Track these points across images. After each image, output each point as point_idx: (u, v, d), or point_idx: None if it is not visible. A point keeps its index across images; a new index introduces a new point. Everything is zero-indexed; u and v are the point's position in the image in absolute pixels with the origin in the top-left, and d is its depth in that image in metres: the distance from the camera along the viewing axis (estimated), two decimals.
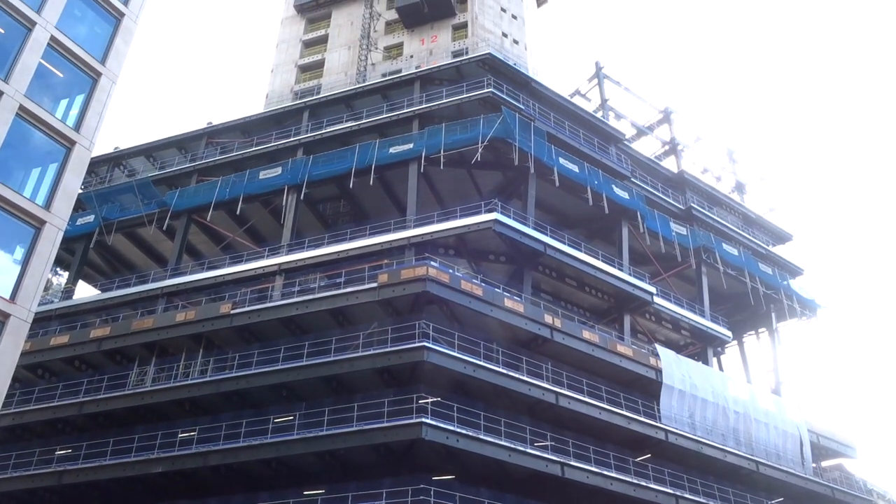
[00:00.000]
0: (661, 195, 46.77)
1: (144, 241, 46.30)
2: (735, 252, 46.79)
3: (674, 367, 37.63)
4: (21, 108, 23.40)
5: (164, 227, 42.31)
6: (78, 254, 43.37)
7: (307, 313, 33.34)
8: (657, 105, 54.74)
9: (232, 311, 34.16)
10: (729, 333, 44.75)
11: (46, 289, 41.28)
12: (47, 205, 23.59)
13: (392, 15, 57.89)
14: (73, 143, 24.84)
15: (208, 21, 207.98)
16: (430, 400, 28.61)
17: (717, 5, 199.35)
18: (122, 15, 28.17)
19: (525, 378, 31.80)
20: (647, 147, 53.99)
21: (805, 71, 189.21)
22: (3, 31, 23.95)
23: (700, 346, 44.31)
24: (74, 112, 25.74)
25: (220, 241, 44.16)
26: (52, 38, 25.08)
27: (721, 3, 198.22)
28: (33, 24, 24.54)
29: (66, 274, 46.31)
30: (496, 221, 34.99)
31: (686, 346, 44.88)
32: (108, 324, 37.33)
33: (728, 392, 39.60)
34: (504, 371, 31.32)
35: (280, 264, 37.15)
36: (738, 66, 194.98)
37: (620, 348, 36.46)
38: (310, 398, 31.70)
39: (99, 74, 26.49)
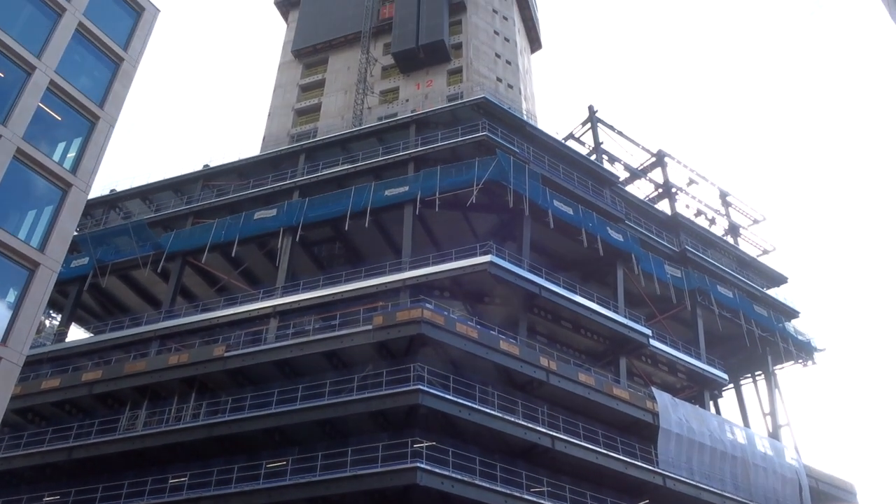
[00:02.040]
0: (655, 237, 46.91)
1: (138, 284, 46.12)
2: (730, 294, 46.76)
3: (671, 410, 37.35)
4: (18, 150, 23.46)
5: (159, 270, 42.22)
6: (71, 296, 43.14)
7: (301, 356, 33.14)
8: (650, 148, 55.22)
9: (225, 354, 33.98)
10: (725, 376, 44.48)
11: (39, 331, 40.95)
12: (42, 247, 23.50)
13: (388, 60, 58.90)
14: (69, 185, 24.86)
15: (207, 65, 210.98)
16: (424, 444, 28.28)
17: (710, 50, 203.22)
18: (122, 60, 28.46)
19: (521, 422, 31.54)
20: (640, 190, 54.38)
21: (798, 113, 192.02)
22: (2, 75, 24.17)
23: (697, 389, 44.02)
24: (71, 155, 25.81)
25: (215, 284, 44.07)
26: (52, 83, 25.27)
27: (714, 48, 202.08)
28: (33, 68, 24.77)
29: (58, 316, 46.03)
30: (491, 263, 35.06)
31: (683, 389, 44.58)
32: (100, 367, 36.99)
33: (726, 436, 39.26)
34: (499, 414, 31.05)
35: (275, 306, 37.03)
36: (731, 109, 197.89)
37: (616, 391, 36.25)
38: (303, 442, 31.32)
39: (97, 118, 26.64)
